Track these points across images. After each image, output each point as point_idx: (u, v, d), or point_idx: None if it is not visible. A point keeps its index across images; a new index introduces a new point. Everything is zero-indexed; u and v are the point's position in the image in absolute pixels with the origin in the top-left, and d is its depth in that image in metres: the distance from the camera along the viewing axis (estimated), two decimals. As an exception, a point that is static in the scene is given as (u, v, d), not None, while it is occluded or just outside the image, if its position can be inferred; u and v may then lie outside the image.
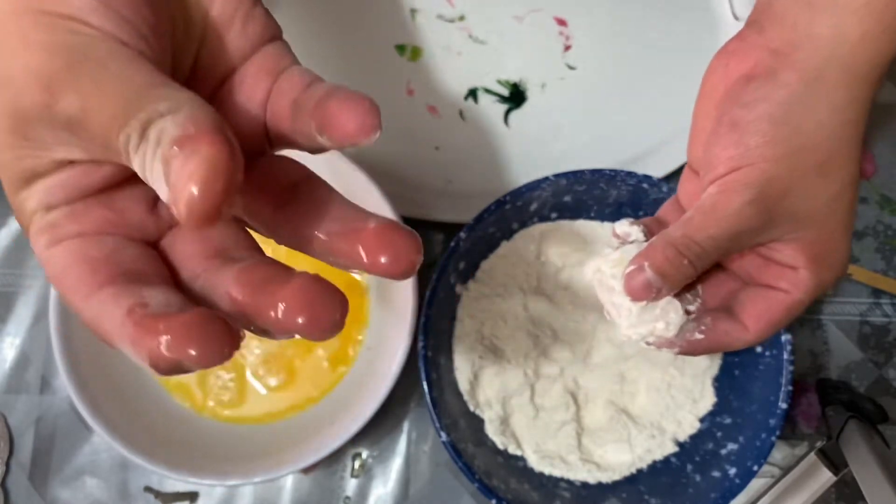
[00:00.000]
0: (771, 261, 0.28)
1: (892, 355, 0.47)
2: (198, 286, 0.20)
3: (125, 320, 0.18)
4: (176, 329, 0.17)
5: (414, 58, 0.50)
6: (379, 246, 0.19)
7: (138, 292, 0.18)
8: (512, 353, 0.42)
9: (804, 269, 0.27)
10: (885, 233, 0.48)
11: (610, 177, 0.41)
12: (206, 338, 0.17)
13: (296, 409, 0.43)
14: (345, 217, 0.20)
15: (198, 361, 0.17)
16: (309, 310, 0.18)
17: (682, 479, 0.40)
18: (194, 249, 0.21)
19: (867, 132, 0.52)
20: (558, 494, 0.40)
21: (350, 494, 0.45)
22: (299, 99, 0.20)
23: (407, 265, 0.19)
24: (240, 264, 0.20)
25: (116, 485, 0.45)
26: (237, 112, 0.22)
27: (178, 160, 0.16)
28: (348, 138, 0.19)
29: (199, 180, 0.15)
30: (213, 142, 0.16)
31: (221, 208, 0.16)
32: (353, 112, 0.19)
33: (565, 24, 0.50)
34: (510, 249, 0.43)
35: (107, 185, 0.20)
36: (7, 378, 0.47)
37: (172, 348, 0.17)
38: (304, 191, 0.21)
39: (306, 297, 0.18)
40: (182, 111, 0.16)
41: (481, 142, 0.49)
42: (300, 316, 0.18)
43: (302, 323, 0.18)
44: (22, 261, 0.48)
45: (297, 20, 0.50)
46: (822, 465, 0.42)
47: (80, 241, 0.20)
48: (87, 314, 0.19)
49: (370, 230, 0.19)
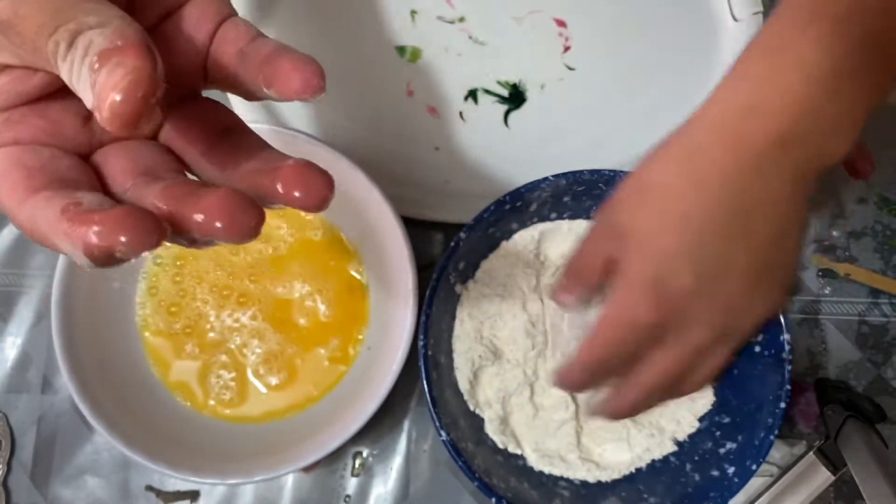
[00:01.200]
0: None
1: (891, 355, 0.47)
2: (126, 198, 0.22)
3: (60, 217, 0.19)
4: (108, 220, 0.18)
5: (414, 59, 0.50)
6: (295, 181, 0.21)
7: (72, 194, 0.20)
8: (511, 352, 0.42)
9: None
10: (883, 233, 0.49)
11: (609, 177, 0.41)
12: (136, 226, 0.18)
13: (296, 408, 0.44)
14: (267, 158, 0.23)
15: (128, 248, 0.18)
16: (228, 216, 0.19)
17: (680, 478, 0.40)
18: (124, 166, 0.22)
19: (866, 132, 0.53)
20: (558, 493, 0.41)
21: (350, 493, 0.45)
22: (246, 50, 0.23)
23: (319, 199, 0.21)
24: (166, 181, 0.21)
25: (118, 484, 0.45)
26: (176, 48, 0.23)
27: (105, 70, 0.17)
28: (294, 94, 0.21)
29: (122, 89, 0.17)
30: (138, 55, 0.18)
31: (142, 116, 0.18)
32: (301, 72, 0.21)
33: (565, 25, 0.50)
34: (510, 249, 0.43)
35: (41, 94, 0.22)
36: (8, 377, 0.47)
37: (104, 236, 0.18)
38: (234, 135, 0.24)
39: (225, 205, 0.19)
40: (111, 26, 0.18)
41: (481, 142, 0.49)
42: (219, 221, 0.19)
43: (220, 227, 0.19)
44: (24, 261, 0.49)
45: (297, 21, 0.50)
46: (821, 464, 0.42)
47: (17, 148, 0.21)
48: (21, 217, 0.20)
49: (288, 167, 0.21)
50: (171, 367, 0.44)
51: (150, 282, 0.45)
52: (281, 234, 0.46)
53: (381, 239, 0.42)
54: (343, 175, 0.42)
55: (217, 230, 0.19)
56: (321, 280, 0.45)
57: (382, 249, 0.43)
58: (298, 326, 0.45)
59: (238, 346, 0.44)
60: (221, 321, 0.45)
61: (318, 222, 0.46)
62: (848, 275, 0.47)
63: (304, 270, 0.45)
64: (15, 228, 0.49)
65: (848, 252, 0.48)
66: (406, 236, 0.41)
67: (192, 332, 0.44)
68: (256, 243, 0.45)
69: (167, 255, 0.45)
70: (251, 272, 0.45)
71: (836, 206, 0.49)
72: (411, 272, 0.40)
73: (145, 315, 0.45)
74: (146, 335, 0.44)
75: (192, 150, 0.24)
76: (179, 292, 0.45)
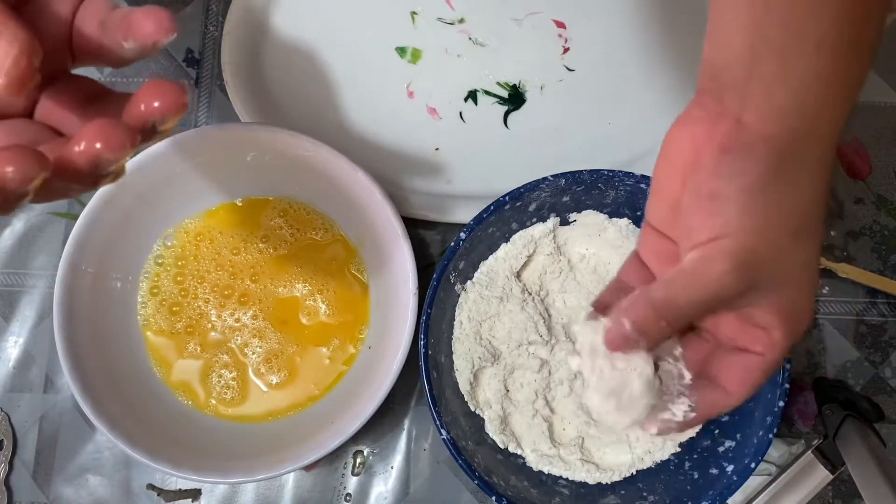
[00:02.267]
0: (745, 322, 0.29)
1: (888, 354, 0.47)
2: None
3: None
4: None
5: (414, 60, 0.50)
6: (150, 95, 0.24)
7: None
8: (511, 353, 0.42)
9: (778, 329, 0.28)
10: (881, 233, 0.49)
11: (608, 177, 0.41)
12: (19, 157, 0.21)
13: (297, 408, 0.44)
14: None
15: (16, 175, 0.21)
16: (103, 136, 0.23)
17: (679, 477, 0.41)
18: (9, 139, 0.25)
19: (864, 132, 0.53)
20: (557, 492, 0.41)
21: (351, 492, 0.45)
22: (106, 19, 0.25)
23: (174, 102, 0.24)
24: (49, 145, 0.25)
25: (119, 483, 0.46)
26: (42, 28, 0.26)
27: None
28: (150, 37, 0.24)
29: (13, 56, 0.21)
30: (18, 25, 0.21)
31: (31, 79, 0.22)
32: (152, 19, 0.24)
33: (564, 26, 0.51)
34: (509, 250, 0.43)
35: None
36: (11, 377, 0.47)
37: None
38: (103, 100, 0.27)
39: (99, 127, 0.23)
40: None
41: (481, 143, 0.49)
42: (97, 142, 0.23)
43: (100, 147, 0.23)
44: (26, 261, 0.49)
45: (298, 23, 0.51)
46: (819, 463, 0.42)
47: None
48: None
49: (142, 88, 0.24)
50: (173, 366, 0.44)
51: (151, 282, 0.45)
52: (282, 234, 0.46)
53: (382, 239, 0.43)
54: (343, 175, 0.42)
55: (97, 150, 0.22)
56: (322, 280, 0.45)
57: (383, 249, 0.43)
58: (299, 326, 0.45)
59: (239, 346, 0.45)
60: (223, 321, 0.45)
61: (319, 222, 0.46)
62: (846, 275, 0.47)
63: (304, 270, 0.45)
64: (17, 229, 0.49)
65: (846, 252, 0.49)
66: (406, 236, 0.41)
67: (194, 332, 0.45)
68: (257, 243, 0.46)
69: (169, 255, 0.45)
70: (252, 272, 0.45)
71: (835, 207, 0.49)
72: (411, 272, 0.41)
73: (147, 315, 0.45)
74: (148, 335, 0.45)
75: (67, 121, 0.27)
76: (181, 292, 0.45)
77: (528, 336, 0.42)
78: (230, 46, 0.49)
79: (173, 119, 0.25)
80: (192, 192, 0.45)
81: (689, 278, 0.27)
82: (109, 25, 0.25)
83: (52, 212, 0.49)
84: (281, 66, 0.50)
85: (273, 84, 0.50)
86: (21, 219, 0.49)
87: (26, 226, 0.49)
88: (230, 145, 0.43)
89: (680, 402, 0.30)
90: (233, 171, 0.44)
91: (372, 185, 0.41)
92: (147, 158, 0.42)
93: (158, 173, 0.42)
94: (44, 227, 0.49)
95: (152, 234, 0.45)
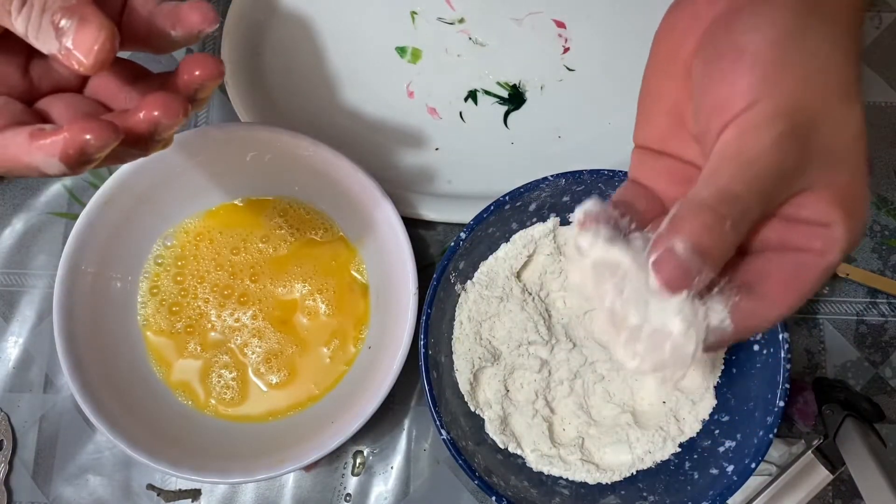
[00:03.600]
0: (797, 221, 0.24)
1: (889, 354, 0.47)
2: None
3: (30, 140, 0.24)
4: (72, 129, 0.24)
5: (414, 60, 0.50)
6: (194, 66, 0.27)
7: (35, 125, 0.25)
8: (511, 354, 0.42)
9: (839, 223, 0.24)
10: (881, 233, 0.49)
11: (608, 177, 0.41)
12: (95, 126, 0.24)
13: (297, 408, 0.44)
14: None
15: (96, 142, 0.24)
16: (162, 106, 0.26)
17: (679, 477, 0.41)
18: (66, 111, 0.28)
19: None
20: (557, 492, 0.41)
21: (351, 492, 0.45)
22: (154, 10, 0.28)
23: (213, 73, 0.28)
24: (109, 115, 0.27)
25: (119, 483, 0.46)
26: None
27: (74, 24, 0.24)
28: (196, 26, 0.28)
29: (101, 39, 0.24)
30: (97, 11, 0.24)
31: (108, 63, 0.24)
32: (198, 11, 0.27)
33: (564, 26, 0.51)
34: (509, 250, 0.43)
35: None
36: (11, 377, 0.47)
37: (73, 140, 0.24)
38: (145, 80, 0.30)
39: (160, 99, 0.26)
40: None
41: (481, 143, 0.49)
42: (156, 110, 0.26)
43: (158, 115, 0.26)
44: (26, 261, 0.49)
45: (298, 23, 0.51)
46: (819, 463, 0.42)
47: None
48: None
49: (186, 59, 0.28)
50: (173, 366, 0.44)
51: (151, 281, 0.45)
52: (281, 234, 0.46)
53: (382, 239, 0.43)
54: (343, 175, 0.42)
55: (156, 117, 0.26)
56: (322, 280, 0.45)
57: (383, 249, 0.43)
58: (299, 326, 0.45)
59: (239, 346, 0.45)
60: (223, 320, 0.45)
61: (319, 222, 0.46)
62: (846, 275, 0.47)
63: (304, 270, 0.45)
64: (17, 229, 0.49)
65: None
66: (406, 236, 0.41)
67: (194, 332, 0.45)
68: (257, 243, 0.46)
69: (169, 255, 0.45)
70: (252, 272, 0.45)
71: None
72: (411, 272, 0.41)
73: (147, 314, 0.45)
74: (148, 334, 0.45)
75: (116, 97, 0.30)
76: (181, 292, 0.45)
77: (528, 336, 0.42)
78: (230, 46, 0.49)
79: (212, 85, 0.28)
80: (192, 192, 0.45)
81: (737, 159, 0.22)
82: (157, 15, 0.28)
83: (51, 212, 0.49)
84: (281, 66, 0.50)
85: (273, 84, 0.50)
86: (21, 219, 0.49)
87: (26, 226, 0.49)
88: (230, 145, 0.43)
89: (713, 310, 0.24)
90: (233, 171, 0.44)
91: (372, 185, 0.41)
92: (147, 158, 0.41)
93: (158, 173, 0.42)
94: (44, 227, 0.49)
95: (152, 234, 0.45)
